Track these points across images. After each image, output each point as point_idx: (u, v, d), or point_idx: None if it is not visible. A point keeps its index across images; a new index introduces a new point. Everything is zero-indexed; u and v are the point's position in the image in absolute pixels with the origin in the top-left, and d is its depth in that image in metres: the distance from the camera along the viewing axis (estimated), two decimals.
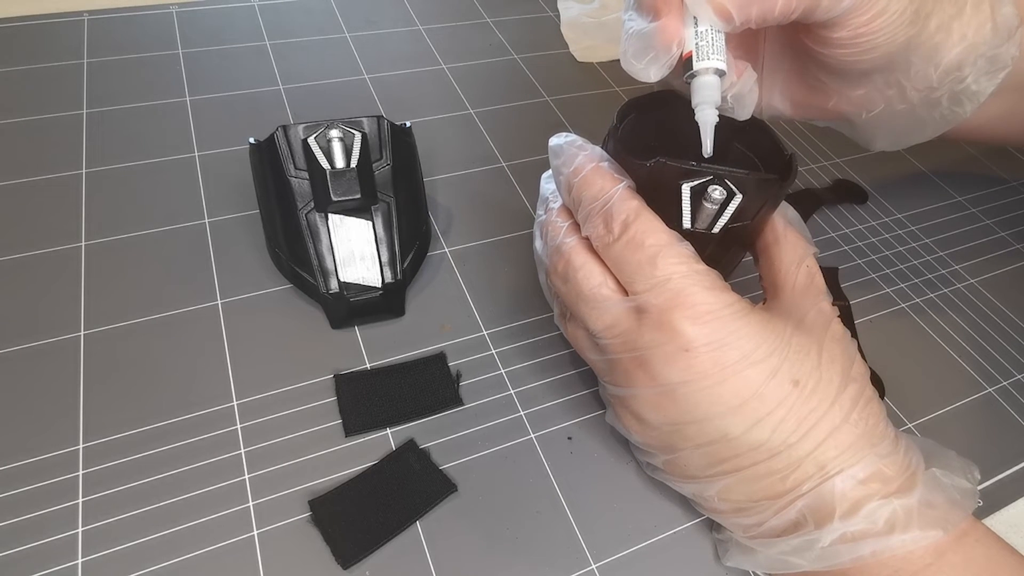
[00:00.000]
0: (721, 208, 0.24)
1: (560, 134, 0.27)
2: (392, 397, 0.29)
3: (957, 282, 0.39)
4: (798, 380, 0.23)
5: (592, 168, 0.25)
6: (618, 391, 0.26)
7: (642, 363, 0.24)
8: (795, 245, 0.26)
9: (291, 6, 0.52)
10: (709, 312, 0.22)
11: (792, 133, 0.48)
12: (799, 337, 0.23)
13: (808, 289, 0.25)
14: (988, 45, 0.27)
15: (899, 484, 0.22)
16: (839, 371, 0.23)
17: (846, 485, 0.22)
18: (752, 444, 0.23)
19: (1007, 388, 0.34)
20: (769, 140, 0.27)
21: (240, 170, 0.38)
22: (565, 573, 0.26)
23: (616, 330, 0.24)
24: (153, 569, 0.24)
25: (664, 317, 0.23)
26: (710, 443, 0.23)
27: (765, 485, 0.23)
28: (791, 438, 0.23)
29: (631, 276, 0.23)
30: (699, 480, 0.25)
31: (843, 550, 0.22)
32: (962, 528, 0.22)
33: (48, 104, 0.41)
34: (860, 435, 0.23)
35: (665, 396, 0.23)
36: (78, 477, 0.26)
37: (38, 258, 0.33)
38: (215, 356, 0.30)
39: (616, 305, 0.24)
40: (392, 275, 0.32)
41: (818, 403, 0.23)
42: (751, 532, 0.24)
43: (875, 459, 0.23)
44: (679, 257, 0.23)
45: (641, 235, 0.23)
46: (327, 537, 0.25)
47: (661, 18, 0.23)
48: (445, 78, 0.48)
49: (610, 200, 0.24)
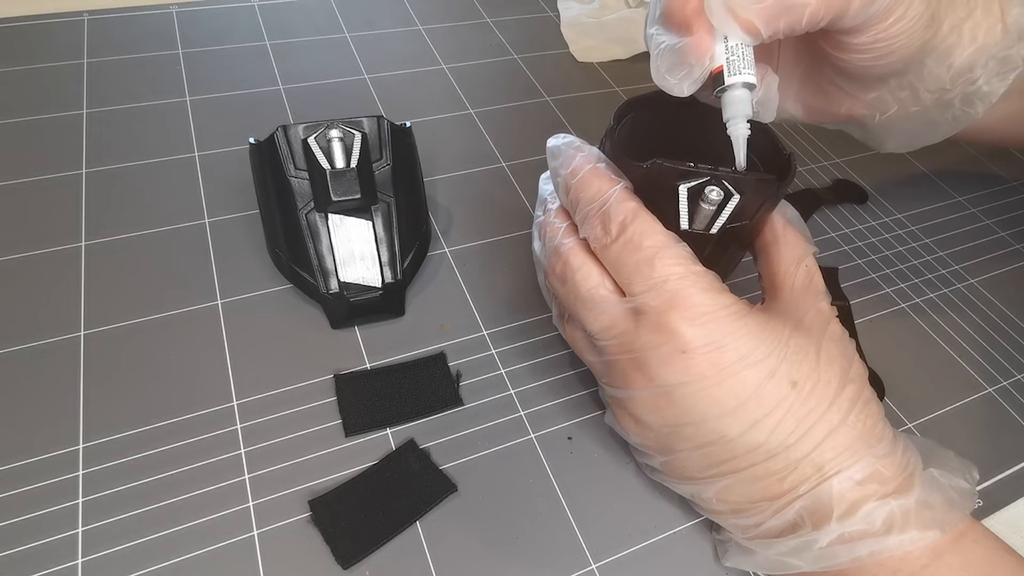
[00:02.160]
0: (719, 209, 0.24)
1: (558, 135, 0.27)
2: (392, 397, 0.29)
3: (957, 282, 0.39)
4: (796, 381, 0.23)
5: (590, 169, 0.25)
6: (616, 392, 0.26)
7: (639, 364, 0.24)
8: (794, 244, 0.26)
9: (291, 6, 0.52)
10: (707, 313, 0.22)
11: (792, 133, 0.48)
12: (797, 338, 0.23)
13: (807, 289, 0.25)
14: (999, 47, 0.28)
15: (897, 485, 0.22)
16: (837, 372, 0.23)
17: (843, 486, 0.22)
18: (750, 445, 0.23)
19: (1007, 388, 0.34)
20: (768, 140, 0.27)
21: (240, 170, 0.38)
22: (565, 573, 0.26)
23: (614, 331, 0.24)
24: (153, 569, 0.24)
25: (662, 318, 0.23)
26: (708, 444, 0.23)
27: (763, 486, 0.23)
28: (789, 439, 0.22)
29: (629, 277, 0.23)
30: (697, 481, 0.25)
31: (841, 551, 0.22)
32: (960, 529, 0.22)
33: (48, 104, 0.41)
34: (858, 436, 0.23)
35: (662, 398, 0.23)
36: (78, 477, 0.26)
37: (38, 258, 0.33)
38: (215, 356, 0.30)
39: (614, 306, 0.24)
40: (392, 275, 0.32)
41: (816, 404, 0.23)
42: (749, 533, 0.24)
43: (873, 460, 0.23)
44: (676, 258, 0.23)
45: (639, 236, 0.23)
46: (327, 537, 0.25)
47: (692, 33, 0.23)
48: (445, 78, 0.48)
49: (608, 201, 0.24)
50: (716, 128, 0.28)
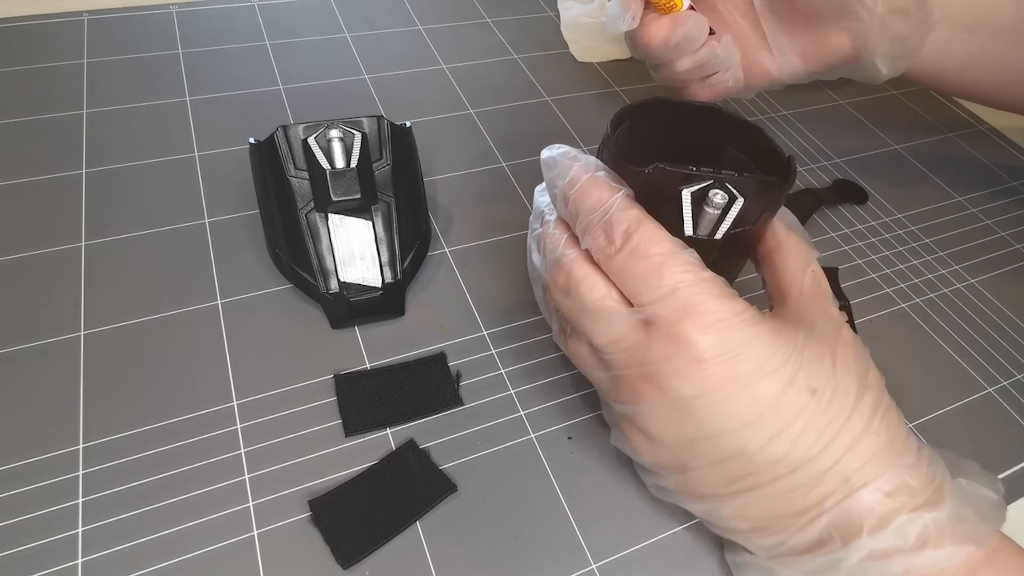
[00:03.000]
0: (723, 213, 0.24)
1: (552, 146, 0.26)
2: (392, 397, 0.29)
3: (957, 282, 0.39)
4: (815, 389, 0.22)
5: (588, 178, 0.24)
6: (625, 409, 0.24)
7: (652, 377, 0.23)
8: (798, 250, 0.25)
9: (291, 6, 0.52)
10: (720, 320, 0.22)
11: (791, 132, 0.48)
12: (811, 345, 0.23)
13: (815, 295, 0.25)
14: None
15: (927, 496, 0.21)
16: (855, 378, 0.23)
17: (872, 499, 0.21)
18: (771, 459, 0.22)
19: (1007, 388, 0.34)
20: (765, 143, 0.26)
21: (240, 170, 0.38)
22: (565, 573, 0.26)
23: (623, 344, 0.23)
24: (153, 569, 0.24)
25: (674, 328, 0.22)
26: (726, 459, 0.22)
27: (786, 501, 0.22)
28: (812, 451, 0.21)
29: (636, 287, 0.23)
30: (714, 499, 0.24)
31: (872, 568, 0.21)
32: (993, 544, 0.21)
33: (48, 104, 0.41)
34: (882, 445, 0.22)
35: (677, 411, 0.22)
36: (78, 477, 0.26)
37: (38, 258, 0.33)
38: (215, 356, 0.30)
39: (622, 317, 0.23)
40: (392, 275, 0.32)
41: (837, 413, 0.22)
42: (772, 552, 0.23)
43: (900, 470, 0.22)
44: (685, 265, 0.22)
45: (644, 244, 0.22)
46: (327, 537, 0.25)
47: None
48: (445, 78, 0.48)
49: (609, 210, 0.23)
50: (713, 132, 0.28)
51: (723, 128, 0.27)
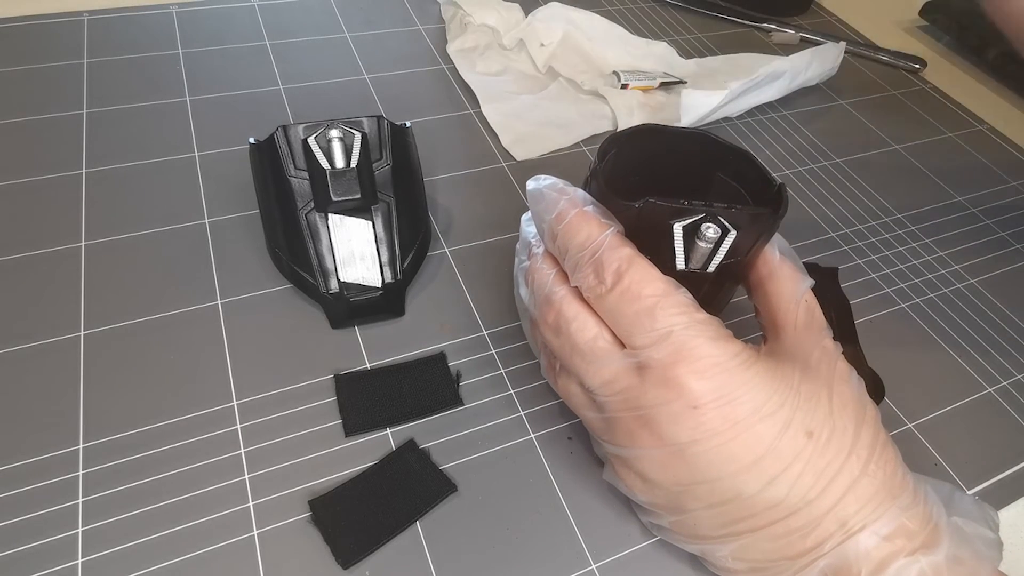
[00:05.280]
0: (716, 246, 0.23)
1: (538, 177, 0.25)
2: (392, 397, 0.29)
3: (957, 282, 0.39)
4: (812, 431, 0.21)
5: (576, 214, 0.23)
6: (620, 452, 0.24)
7: (646, 422, 0.22)
8: (791, 279, 0.25)
9: (291, 6, 0.52)
10: (716, 364, 0.21)
11: (791, 132, 0.48)
12: (808, 383, 0.22)
13: (810, 327, 0.24)
14: None
15: (923, 538, 0.21)
16: (852, 417, 0.22)
17: (870, 543, 0.21)
18: (769, 502, 0.21)
19: (1007, 388, 0.34)
20: (754, 169, 0.26)
21: (240, 170, 0.38)
22: (565, 573, 0.26)
23: (616, 386, 0.23)
24: (153, 569, 0.24)
25: (669, 373, 0.21)
26: (723, 503, 0.22)
27: (783, 544, 0.22)
28: (810, 494, 0.21)
29: (628, 329, 0.22)
30: (711, 540, 0.23)
31: None
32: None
33: (48, 104, 0.41)
34: (880, 486, 0.22)
35: (673, 456, 0.22)
36: (78, 477, 0.26)
37: (38, 258, 0.33)
38: (215, 356, 0.30)
39: (615, 360, 0.23)
40: (392, 275, 0.32)
41: (835, 454, 0.21)
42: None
43: (898, 512, 0.21)
44: (679, 307, 0.22)
45: (637, 285, 0.22)
46: (327, 537, 0.25)
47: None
48: (445, 78, 0.48)
49: (600, 248, 0.22)
50: (701, 159, 0.27)
51: (712, 154, 0.27)
